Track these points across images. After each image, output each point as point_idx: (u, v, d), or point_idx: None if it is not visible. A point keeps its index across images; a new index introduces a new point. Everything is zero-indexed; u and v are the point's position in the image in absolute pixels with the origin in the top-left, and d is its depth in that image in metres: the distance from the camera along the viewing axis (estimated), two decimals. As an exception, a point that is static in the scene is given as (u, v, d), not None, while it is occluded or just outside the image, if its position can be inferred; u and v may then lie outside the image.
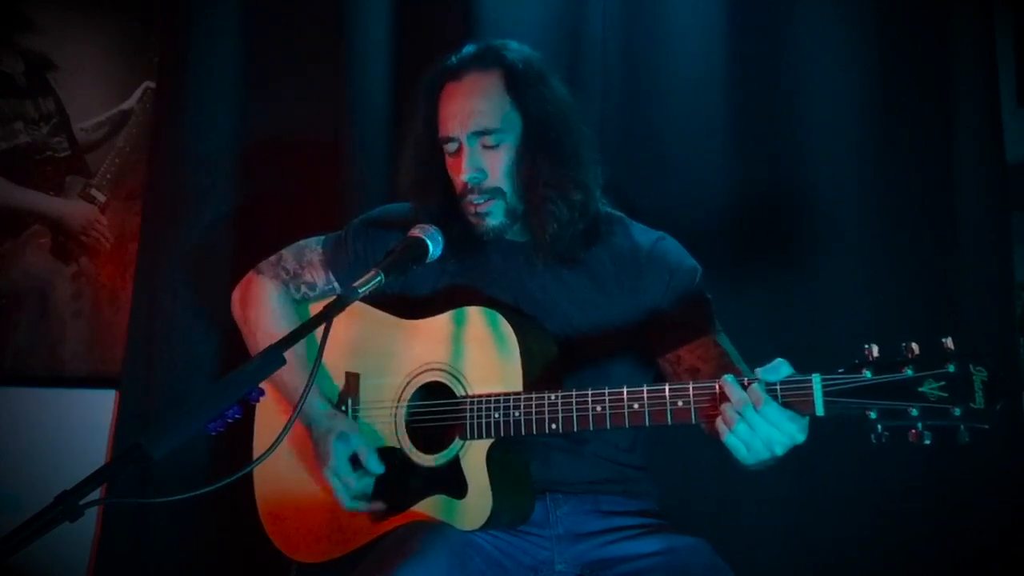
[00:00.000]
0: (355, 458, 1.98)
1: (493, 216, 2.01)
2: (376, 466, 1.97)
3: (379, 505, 1.97)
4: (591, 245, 2.04)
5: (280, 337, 1.65)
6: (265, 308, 2.18)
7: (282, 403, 2.10)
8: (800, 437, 1.64)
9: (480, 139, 1.97)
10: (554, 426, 1.80)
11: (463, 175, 1.98)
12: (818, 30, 2.61)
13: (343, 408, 2.07)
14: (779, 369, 1.63)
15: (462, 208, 2.02)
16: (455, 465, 1.89)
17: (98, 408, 2.95)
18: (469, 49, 2.05)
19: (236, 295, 2.26)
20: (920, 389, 1.49)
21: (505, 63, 1.99)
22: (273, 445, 1.58)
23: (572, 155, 1.99)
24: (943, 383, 1.48)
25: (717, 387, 1.67)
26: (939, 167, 2.51)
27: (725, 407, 1.64)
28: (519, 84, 1.98)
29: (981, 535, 2.40)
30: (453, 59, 2.04)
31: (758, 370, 1.65)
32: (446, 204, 2.04)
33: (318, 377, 1.91)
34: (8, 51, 3.12)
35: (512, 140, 1.98)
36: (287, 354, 1.63)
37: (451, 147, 2.01)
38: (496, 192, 1.99)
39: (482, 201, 1.99)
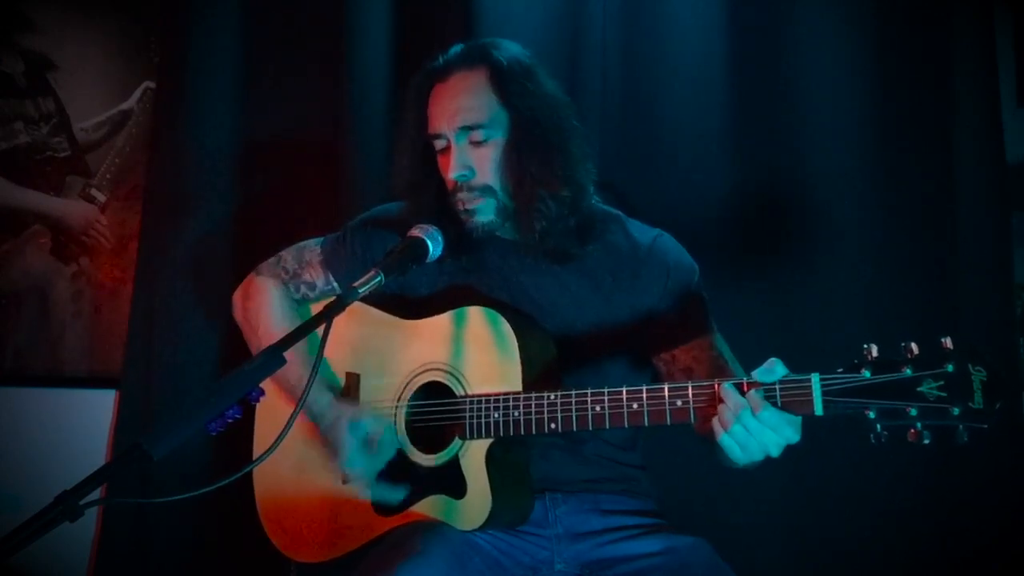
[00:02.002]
0: (368, 442, 1.96)
1: (483, 213, 2.00)
2: (391, 448, 1.96)
3: (395, 494, 1.95)
4: (586, 242, 2.03)
5: (281, 336, 1.65)
6: (266, 307, 2.18)
7: (283, 403, 2.09)
8: (795, 438, 1.64)
9: (468, 135, 1.97)
10: (553, 426, 1.80)
11: (451, 172, 1.98)
12: (818, 30, 2.61)
13: (344, 407, 2.07)
14: (774, 370, 1.63)
15: (453, 206, 2.02)
16: (454, 465, 1.89)
17: (98, 408, 2.95)
18: (456, 49, 2.05)
19: (237, 296, 2.26)
20: (919, 389, 1.50)
21: (490, 60, 1.99)
22: (275, 442, 1.58)
23: (561, 151, 1.99)
24: (942, 383, 1.48)
25: (716, 387, 1.67)
26: (939, 167, 2.51)
27: (722, 409, 1.64)
28: (505, 81, 1.98)
29: (981, 535, 2.40)
30: (440, 60, 2.04)
31: (754, 372, 1.65)
32: (440, 204, 2.04)
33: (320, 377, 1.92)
34: (8, 51, 3.12)
35: (500, 137, 1.98)
36: (290, 350, 1.64)
37: (440, 144, 2.01)
38: (486, 190, 1.99)
39: (471, 198, 1.99)
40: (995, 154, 2.48)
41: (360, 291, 1.78)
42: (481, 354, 1.91)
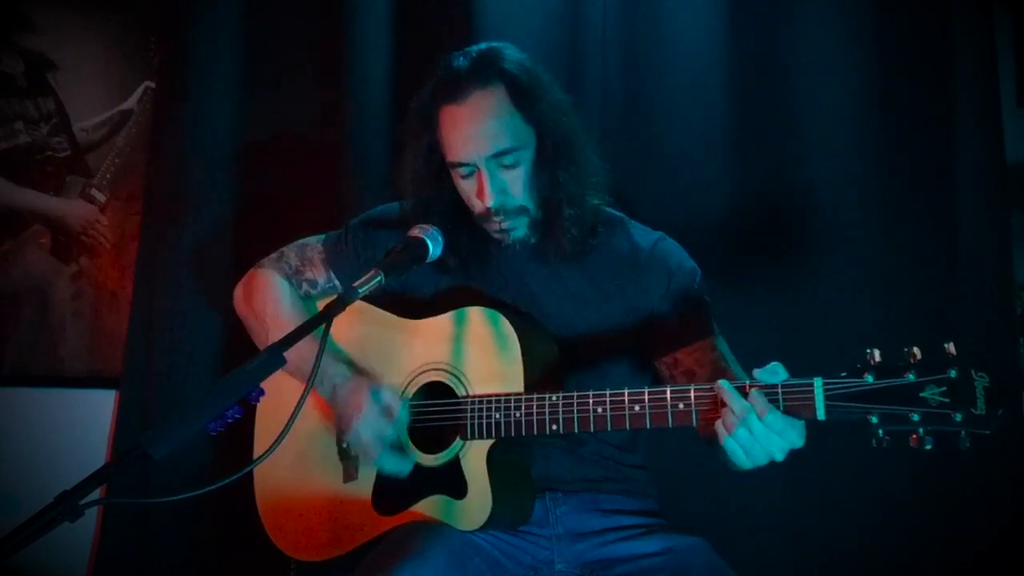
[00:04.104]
0: (386, 409, 1.93)
1: (518, 231, 2.00)
2: (406, 417, 1.94)
3: (403, 465, 1.93)
4: (589, 238, 2.03)
5: (288, 322, 1.64)
6: (271, 295, 2.17)
7: (282, 404, 2.08)
8: (799, 443, 1.64)
9: (499, 160, 1.94)
10: (555, 427, 1.80)
11: (488, 201, 1.94)
12: (818, 31, 2.61)
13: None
14: (776, 373, 1.64)
15: (485, 227, 2.01)
16: (455, 465, 1.89)
17: (98, 408, 2.95)
18: (463, 63, 1.97)
19: (239, 290, 2.25)
20: (922, 394, 1.50)
21: (506, 76, 1.94)
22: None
23: (585, 159, 1.99)
24: (944, 388, 1.48)
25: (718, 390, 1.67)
26: (939, 167, 2.51)
27: (726, 412, 1.64)
28: (525, 96, 1.94)
29: (981, 536, 2.40)
30: (447, 74, 1.97)
31: (756, 371, 1.65)
32: (452, 216, 2.02)
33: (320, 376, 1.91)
34: (8, 51, 3.12)
35: (528, 156, 1.96)
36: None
37: (465, 171, 1.97)
38: (520, 210, 1.98)
39: (507, 220, 1.98)
40: (995, 154, 2.48)
41: (360, 291, 1.78)
42: (483, 354, 1.91)
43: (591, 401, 1.77)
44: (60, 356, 3.01)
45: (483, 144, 1.93)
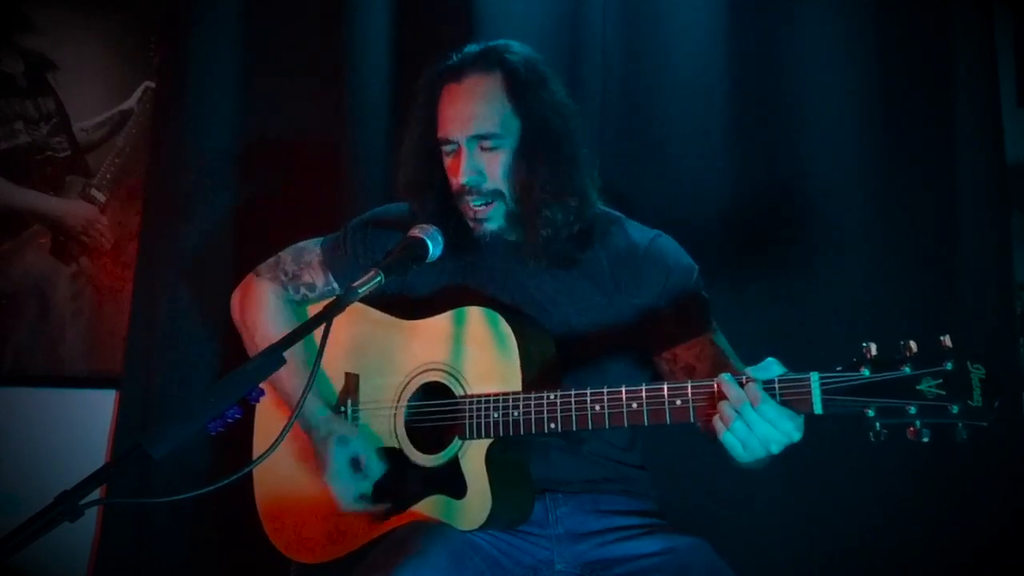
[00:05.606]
0: (355, 461, 1.98)
1: (493, 221, 2.01)
2: (376, 469, 1.97)
3: (380, 507, 1.97)
4: (587, 247, 2.04)
5: (278, 340, 1.64)
6: (264, 311, 2.18)
7: (282, 404, 2.10)
8: (796, 436, 1.64)
9: (479, 142, 1.97)
10: (553, 426, 1.80)
11: (462, 177, 1.97)
12: (818, 30, 2.61)
13: (342, 409, 2.07)
14: (769, 368, 1.64)
15: (460, 209, 2.02)
16: (454, 465, 1.89)
17: (98, 408, 2.96)
18: (471, 49, 2.04)
19: (235, 298, 2.26)
20: (918, 387, 1.50)
21: (506, 66, 1.98)
22: (272, 447, 1.58)
23: (570, 160, 1.99)
24: (941, 381, 1.48)
25: (715, 386, 1.67)
26: (939, 167, 2.51)
27: (722, 405, 1.64)
28: (519, 88, 1.97)
29: (981, 534, 2.40)
30: (454, 58, 2.03)
31: (748, 369, 1.65)
32: (443, 202, 2.04)
33: (317, 379, 1.91)
34: (8, 51, 3.12)
35: (510, 144, 1.98)
36: (286, 355, 1.63)
37: (449, 148, 2.01)
38: (495, 194, 1.99)
39: (481, 204, 1.99)
40: (995, 154, 2.48)
41: (360, 291, 1.78)
42: (480, 354, 1.91)
43: (589, 399, 1.77)
44: (60, 356, 3.02)
45: (467, 124, 1.96)
